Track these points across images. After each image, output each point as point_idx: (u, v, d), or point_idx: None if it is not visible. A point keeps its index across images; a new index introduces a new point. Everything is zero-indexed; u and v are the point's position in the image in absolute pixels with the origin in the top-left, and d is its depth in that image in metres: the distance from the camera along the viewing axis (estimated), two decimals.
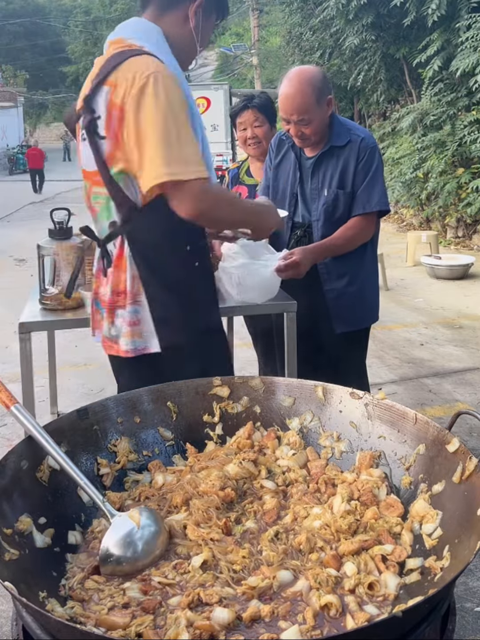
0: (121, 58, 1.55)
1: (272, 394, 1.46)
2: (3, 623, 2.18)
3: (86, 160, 1.68)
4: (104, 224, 1.72)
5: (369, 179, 2.36)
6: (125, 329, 1.71)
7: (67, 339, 5.19)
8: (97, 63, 1.66)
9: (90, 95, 1.59)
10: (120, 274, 1.69)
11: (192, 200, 1.50)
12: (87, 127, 1.62)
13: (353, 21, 10.07)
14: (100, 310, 1.81)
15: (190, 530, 1.15)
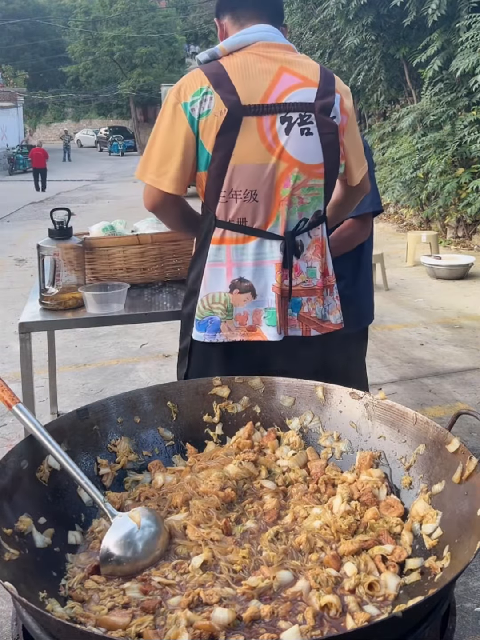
0: (330, 73, 1.85)
1: (272, 394, 1.47)
2: (3, 623, 2.18)
3: (305, 154, 1.77)
4: (308, 215, 1.83)
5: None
6: (336, 304, 1.94)
7: (67, 339, 5.19)
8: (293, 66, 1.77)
9: (332, 101, 1.79)
10: (323, 258, 1.87)
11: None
12: (324, 125, 1.77)
13: (353, 21, 10.07)
14: (284, 305, 1.84)
15: (190, 530, 1.15)
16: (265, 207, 1.77)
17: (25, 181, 22.84)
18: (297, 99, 1.74)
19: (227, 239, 1.79)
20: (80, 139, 43.22)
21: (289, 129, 1.73)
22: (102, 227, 2.76)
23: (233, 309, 1.82)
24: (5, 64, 43.06)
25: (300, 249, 1.83)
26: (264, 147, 1.72)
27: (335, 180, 1.87)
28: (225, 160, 1.72)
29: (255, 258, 1.79)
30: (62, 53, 47.15)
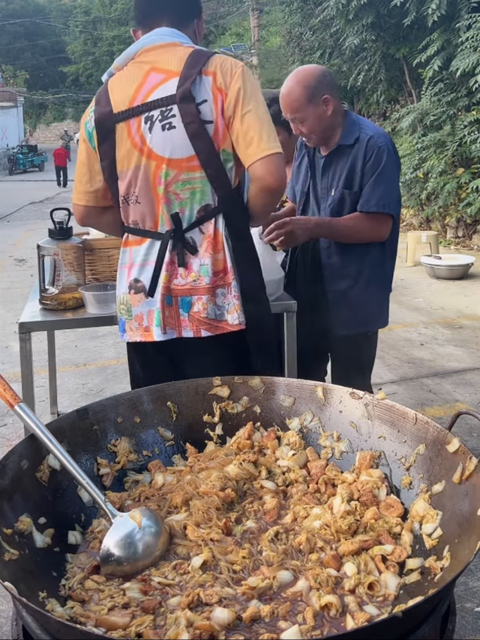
0: (206, 54, 1.74)
1: (272, 394, 1.46)
2: (3, 623, 2.18)
3: (171, 148, 1.73)
4: (192, 210, 1.77)
5: (373, 179, 2.32)
6: (234, 303, 1.80)
7: (67, 339, 5.19)
8: (162, 61, 1.75)
9: (190, 86, 1.69)
10: (217, 254, 1.78)
11: (283, 170, 1.72)
12: (187, 114, 1.70)
13: (353, 21, 10.06)
14: (170, 304, 1.81)
15: (190, 530, 1.15)
16: (149, 208, 1.80)
17: (25, 181, 22.86)
18: (158, 95, 1.73)
19: (129, 242, 1.88)
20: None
21: (151, 127, 1.74)
22: None
23: (132, 310, 1.88)
24: (5, 64, 43.05)
25: (192, 246, 1.79)
26: (134, 149, 1.77)
27: (222, 168, 1.74)
28: (112, 168, 1.81)
29: (144, 258, 1.84)
30: (62, 53, 47.17)
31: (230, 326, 1.80)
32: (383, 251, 2.49)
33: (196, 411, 1.46)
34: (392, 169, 2.36)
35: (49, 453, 1.21)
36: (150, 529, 1.13)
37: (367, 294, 2.50)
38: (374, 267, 2.49)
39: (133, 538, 1.11)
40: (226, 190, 1.76)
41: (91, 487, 1.16)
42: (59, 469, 1.23)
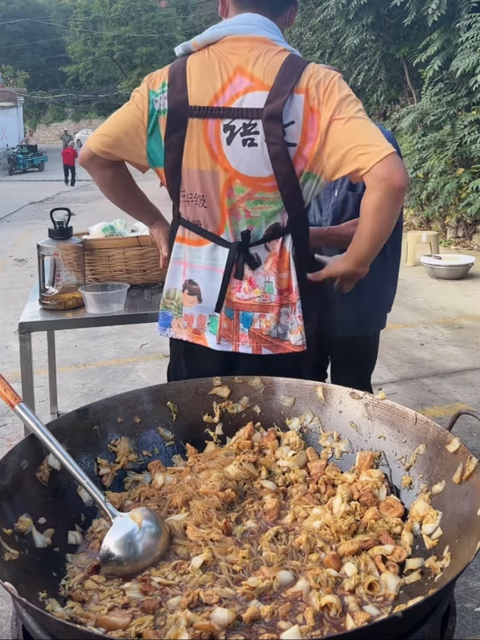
0: (300, 66, 1.61)
1: (272, 394, 1.47)
2: (3, 623, 2.18)
3: (249, 166, 1.64)
4: (261, 228, 1.71)
5: None
6: (298, 324, 1.74)
7: (67, 339, 5.20)
8: (248, 64, 1.62)
9: (282, 106, 1.58)
10: (281, 273, 1.73)
11: (405, 169, 1.57)
12: (271, 134, 1.59)
13: (353, 21, 10.07)
14: (230, 317, 1.76)
15: (190, 530, 1.15)
16: (214, 214, 1.72)
17: (25, 181, 22.85)
18: (244, 105, 1.60)
19: (187, 239, 1.79)
20: (80, 139, 43.16)
21: (230, 138, 1.63)
22: (102, 227, 2.76)
23: (182, 308, 1.83)
24: (5, 64, 43.08)
25: (256, 262, 1.73)
26: (207, 153, 1.66)
27: (298, 190, 1.66)
28: (177, 162, 1.69)
29: (206, 263, 1.76)
30: (62, 53, 47.17)
31: (292, 346, 1.75)
32: (384, 253, 2.47)
33: (196, 411, 1.46)
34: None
35: (49, 453, 1.21)
36: (150, 529, 1.13)
37: (368, 296, 2.50)
38: (375, 269, 2.48)
39: (133, 538, 1.11)
40: (298, 211, 1.70)
41: (91, 487, 1.16)
42: (59, 469, 1.23)
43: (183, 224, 1.78)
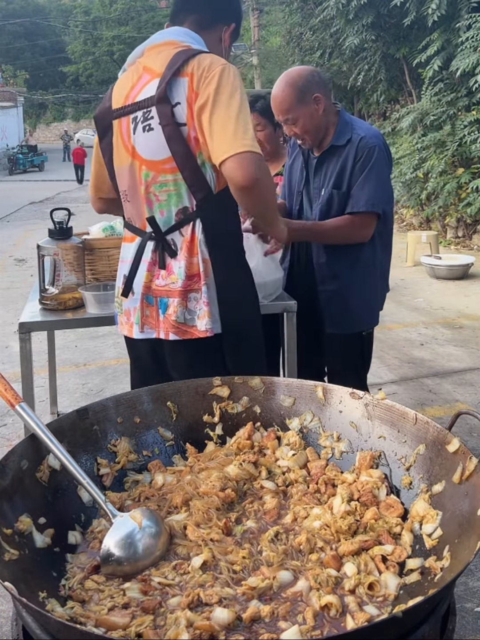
0: (189, 54, 1.70)
1: (272, 394, 1.46)
2: (3, 623, 2.18)
3: (150, 150, 1.75)
4: (171, 213, 1.77)
5: (361, 179, 2.32)
6: (203, 310, 1.77)
7: (67, 339, 5.19)
8: (151, 61, 1.76)
9: (166, 88, 1.68)
10: (192, 258, 1.77)
11: (254, 167, 1.59)
12: (163, 116, 1.69)
13: (353, 21, 10.06)
14: (151, 304, 1.83)
15: (190, 530, 1.15)
16: (137, 208, 1.84)
17: (25, 181, 22.85)
18: (143, 96, 1.75)
19: (126, 237, 1.93)
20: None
21: (135, 127, 1.77)
22: (102, 227, 2.76)
23: (122, 304, 1.93)
24: (5, 64, 43.05)
25: (174, 249, 1.79)
26: (123, 148, 1.81)
27: (199, 171, 1.70)
28: (111, 164, 1.88)
29: (133, 257, 1.86)
30: (62, 53, 47.18)
31: (198, 332, 1.78)
32: (374, 250, 2.48)
33: (196, 411, 1.46)
34: (381, 168, 2.34)
35: (49, 453, 1.21)
36: (150, 529, 1.13)
37: (357, 294, 2.49)
38: (365, 267, 2.48)
39: (133, 538, 1.11)
40: (205, 194, 1.73)
41: (91, 487, 1.16)
42: (59, 469, 1.23)
43: (124, 224, 1.94)
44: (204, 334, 1.77)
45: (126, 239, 1.93)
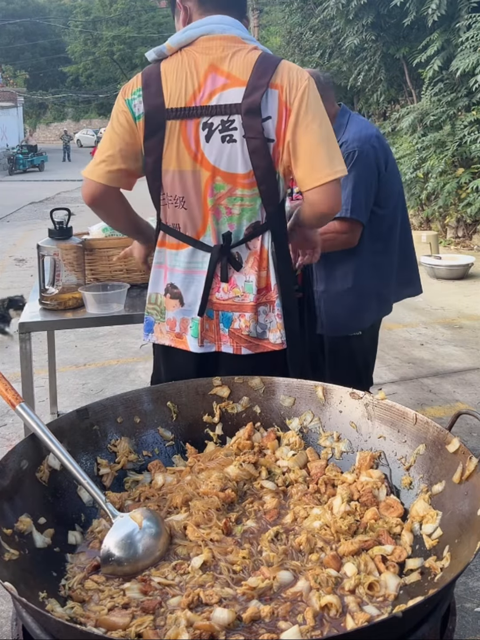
0: (274, 62, 1.64)
1: (272, 394, 1.46)
2: (3, 623, 2.18)
3: (229, 162, 1.65)
4: (242, 227, 1.71)
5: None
6: (277, 322, 1.75)
7: (67, 339, 5.19)
8: (225, 62, 1.63)
9: (260, 100, 1.60)
10: (261, 271, 1.73)
11: (339, 196, 1.66)
12: (250, 129, 1.61)
13: (353, 21, 10.07)
14: (211, 317, 1.76)
15: (190, 531, 1.15)
16: (195, 216, 1.72)
17: (25, 181, 22.84)
18: (221, 101, 1.62)
19: (167, 243, 1.80)
20: (80, 139, 43.22)
21: (209, 135, 1.64)
22: (102, 227, 2.76)
23: (165, 313, 1.83)
24: (5, 64, 43.05)
25: (238, 262, 1.73)
26: (187, 153, 1.67)
27: (275, 186, 1.68)
28: (157, 165, 1.70)
29: (186, 266, 1.76)
30: (62, 53, 47.20)
31: (272, 345, 1.75)
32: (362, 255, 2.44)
33: (196, 411, 1.46)
34: (360, 173, 2.29)
35: (49, 453, 1.21)
36: (150, 530, 1.13)
37: (342, 297, 2.47)
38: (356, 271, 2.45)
39: (133, 538, 1.11)
40: (275, 207, 1.70)
41: (92, 487, 1.16)
42: (59, 469, 1.23)
43: (163, 228, 1.80)
44: (280, 347, 1.75)
45: (167, 245, 1.79)
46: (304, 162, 1.61)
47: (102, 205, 1.79)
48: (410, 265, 2.69)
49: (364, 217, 2.34)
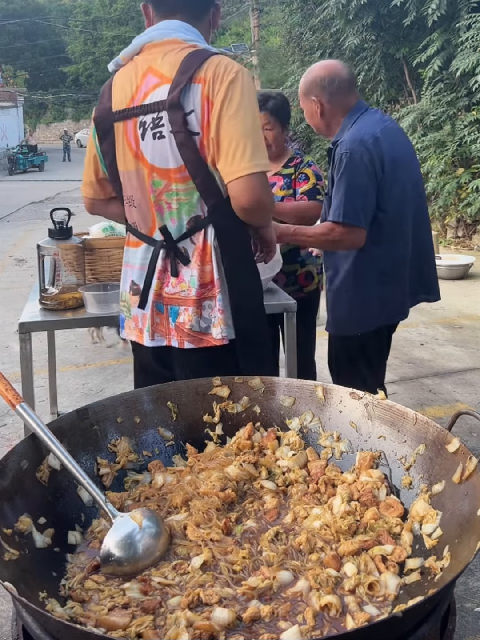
0: (202, 57, 1.65)
1: (272, 394, 1.46)
2: (3, 623, 2.18)
3: (160, 158, 1.69)
4: (182, 221, 1.74)
5: (335, 187, 2.31)
6: (218, 317, 1.76)
7: (67, 339, 5.19)
8: (157, 63, 1.69)
9: (179, 95, 1.63)
10: (204, 266, 1.74)
11: (260, 190, 1.64)
12: (175, 123, 1.64)
13: (353, 21, 10.07)
14: (161, 311, 1.80)
15: (190, 530, 1.15)
16: (144, 213, 1.79)
17: (25, 181, 22.84)
18: (151, 100, 1.68)
19: (130, 242, 1.89)
20: (81, 139, 43.19)
21: (144, 133, 1.70)
22: (102, 227, 2.76)
23: (130, 309, 1.90)
24: (5, 64, 43.04)
25: (185, 256, 1.76)
26: (129, 152, 1.75)
27: (211, 179, 1.68)
28: (113, 166, 1.82)
29: (141, 263, 1.84)
30: (62, 53, 47.20)
31: (214, 340, 1.77)
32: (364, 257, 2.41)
33: (196, 411, 1.46)
34: (352, 176, 2.26)
35: (49, 453, 1.21)
36: (150, 530, 1.13)
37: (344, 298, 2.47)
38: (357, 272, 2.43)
39: (133, 539, 1.11)
40: (216, 200, 1.70)
41: (92, 487, 1.16)
42: (59, 469, 1.23)
43: (127, 227, 1.89)
44: (220, 342, 1.76)
45: (130, 243, 1.89)
46: (225, 155, 1.62)
47: (100, 213, 2.01)
48: (427, 271, 2.60)
49: (360, 221, 2.28)
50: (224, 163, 1.63)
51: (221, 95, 1.61)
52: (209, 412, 1.46)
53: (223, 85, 1.61)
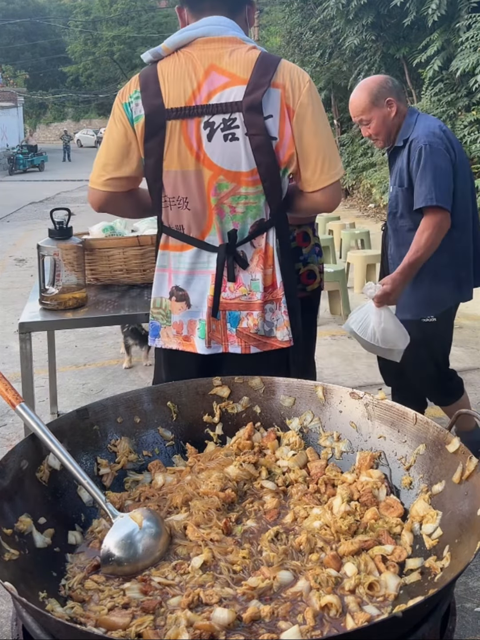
0: (274, 61, 1.66)
1: (272, 394, 1.46)
2: (3, 623, 2.18)
3: (231, 160, 1.65)
4: (246, 225, 1.71)
5: (417, 178, 2.49)
6: (283, 320, 1.75)
7: (67, 339, 5.19)
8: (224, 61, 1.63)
9: (262, 98, 1.61)
10: (267, 270, 1.74)
11: (340, 195, 1.78)
12: (252, 126, 1.61)
13: (353, 21, 10.08)
14: (217, 318, 1.75)
15: (190, 530, 1.15)
16: (198, 216, 1.71)
17: (25, 181, 22.84)
18: (222, 100, 1.62)
19: (170, 245, 1.78)
20: (80, 139, 43.24)
21: (211, 135, 1.64)
22: (102, 227, 2.76)
23: (171, 316, 1.81)
24: (5, 64, 43.07)
25: (244, 260, 1.72)
26: (189, 153, 1.66)
27: (279, 182, 1.69)
28: (158, 166, 1.69)
29: (190, 267, 1.75)
30: (62, 53, 47.22)
31: (279, 343, 1.75)
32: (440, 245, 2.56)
33: (196, 411, 1.46)
34: (436, 163, 2.47)
35: (49, 453, 1.21)
36: (150, 530, 1.13)
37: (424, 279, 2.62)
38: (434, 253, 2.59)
39: (133, 539, 1.11)
40: (278, 203, 1.72)
41: (92, 487, 1.16)
42: (59, 469, 1.23)
43: (165, 231, 1.78)
44: (287, 344, 1.75)
45: (170, 247, 1.78)
46: (313, 166, 1.67)
47: (110, 209, 1.84)
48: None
49: (449, 203, 2.49)
50: (312, 173, 1.67)
51: (302, 104, 1.64)
52: (209, 412, 1.46)
53: (302, 94, 1.64)
